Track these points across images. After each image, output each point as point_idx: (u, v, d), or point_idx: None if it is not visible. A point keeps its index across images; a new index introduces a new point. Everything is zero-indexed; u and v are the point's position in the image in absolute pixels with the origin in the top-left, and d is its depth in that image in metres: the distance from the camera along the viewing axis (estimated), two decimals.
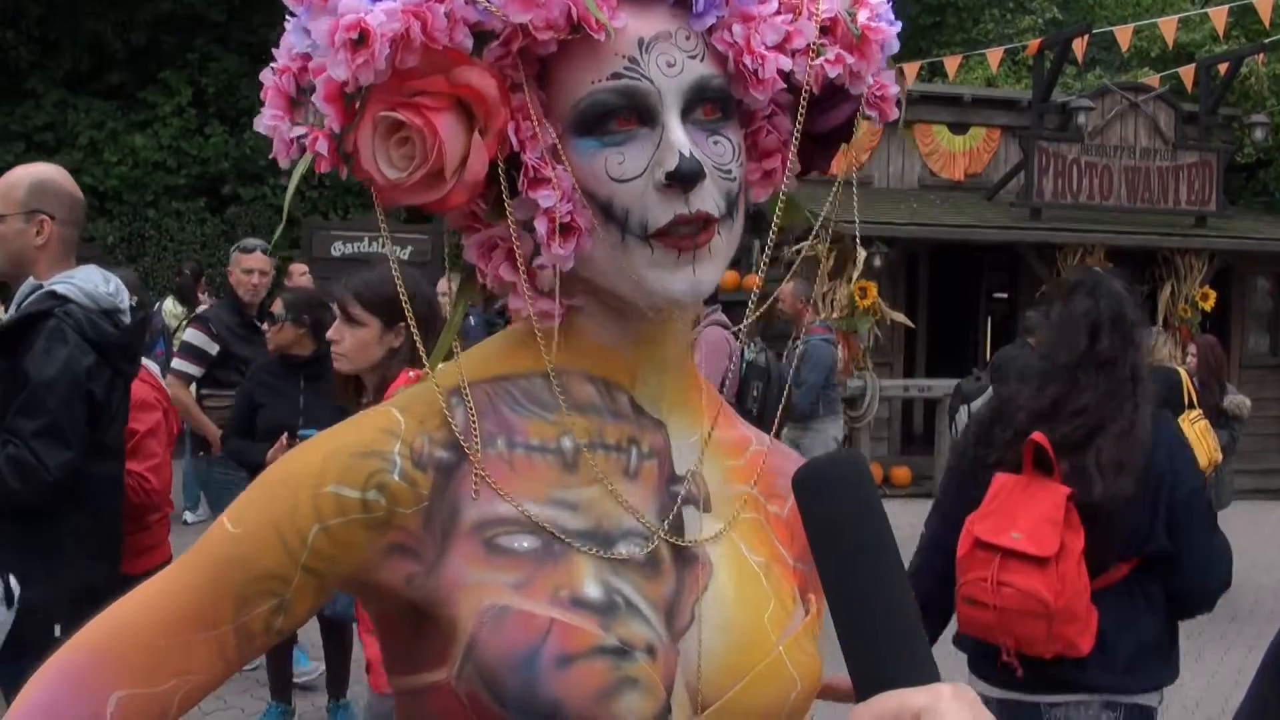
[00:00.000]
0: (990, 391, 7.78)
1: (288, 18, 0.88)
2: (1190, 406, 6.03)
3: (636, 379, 0.99)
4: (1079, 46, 12.59)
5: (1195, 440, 5.47)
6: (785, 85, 0.94)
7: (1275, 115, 14.33)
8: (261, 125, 0.89)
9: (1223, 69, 13.02)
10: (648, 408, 0.99)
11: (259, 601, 0.87)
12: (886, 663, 0.65)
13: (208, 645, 0.87)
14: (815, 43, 0.93)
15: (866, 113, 0.97)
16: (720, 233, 0.92)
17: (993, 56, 13.87)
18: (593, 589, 0.89)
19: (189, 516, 8.46)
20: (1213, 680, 5.04)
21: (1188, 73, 13.15)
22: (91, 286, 2.81)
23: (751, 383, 6.47)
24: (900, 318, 11.49)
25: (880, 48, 0.95)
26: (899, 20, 0.97)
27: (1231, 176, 14.26)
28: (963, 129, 13.09)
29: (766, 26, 0.92)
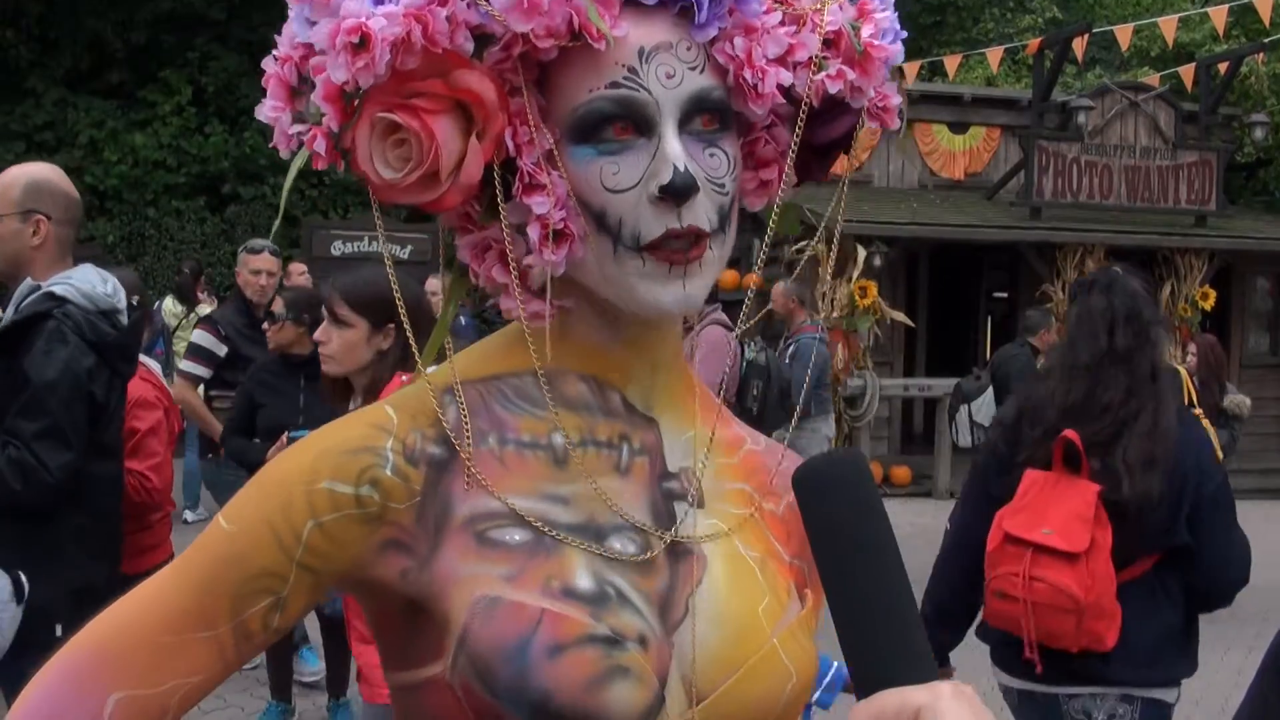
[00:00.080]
0: (991, 391, 7.82)
1: (290, 8, 0.88)
2: (1190, 406, 6.04)
3: (628, 378, 0.99)
4: (1079, 46, 12.60)
5: None
6: (784, 99, 0.93)
7: (1275, 114, 14.33)
8: (263, 114, 0.89)
9: (1223, 68, 13.02)
10: (639, 406, 1.00)
11: (255, 600, 0.88)
12: (886, 661, 0.65)
13: (206, 645, 0.88)
14: (818, 56, 0.93)
15: (868, 123, 0.97)
16: (712, 247, 0.92)
17: (993, 56, 13.87)
18: (584, 580, 0.90)
19: (189, 515, 8.47)
20: (1212, 680, 5.04)
21: (1188, 72, 13.15)
22: (90, 287, 2.81)
23: (751, 382, 6.47)
24: (900, 317, 11.49)
25: (883, 64, 0.94)
26: (902, 31, 0.96)
27: (1231, 176, 14.26)
28: (963, 128, 13.09)
29: (769, 38, 0.92)
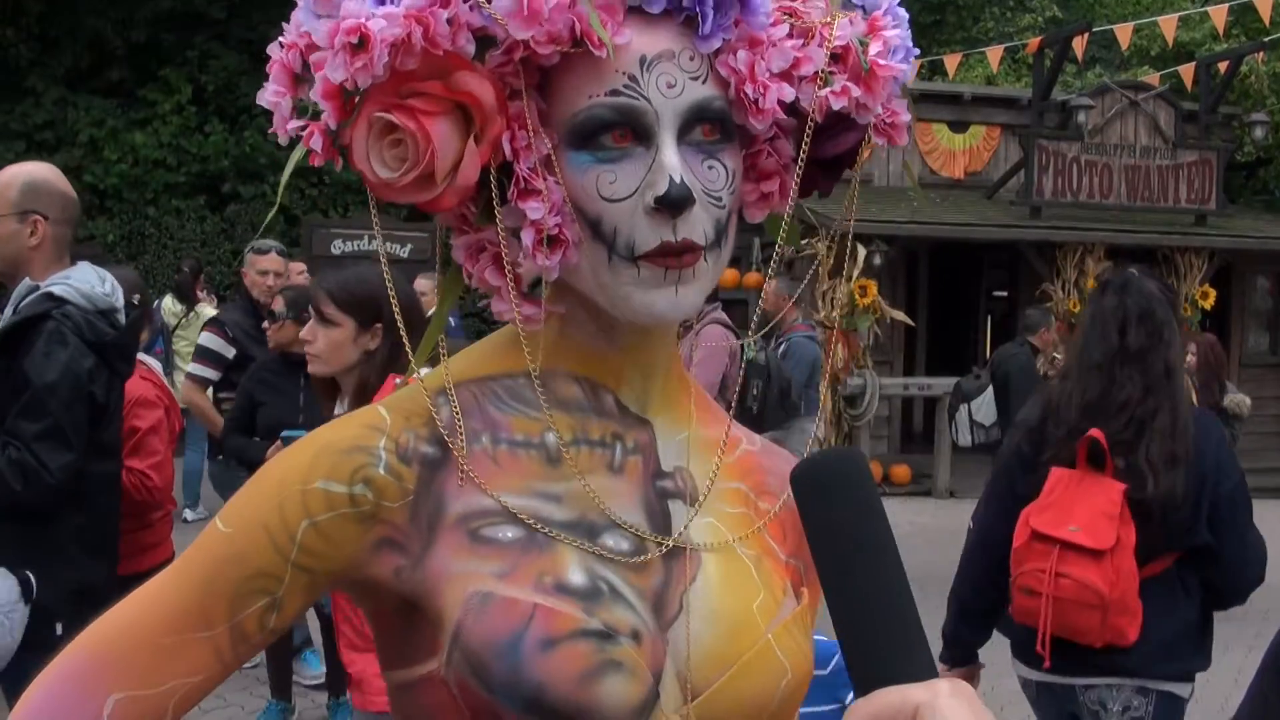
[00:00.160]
0: (990, 390, 7.82)
1: (299, 2, 0.88)
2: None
3: (622, 380, 0.99)
4: (1079, 45, 12.60)
5: None
6: (786, 112, 0.93)
7: (1275, 114, 14.32)
8: (264, 99, 0.89)
9: (1223, 67, 13.02)
10: (633, 408, 1.00)
11: (252, 600, 0.88)
12: (885, 660, 0.65)
13: (204, 646, 0.88)
14: (824, 71, 0.92)
15: (875, 139, 0.96)
16: (706, 259, 0.92)
17: (993, 55, 13.86)
18: (577, 576, 0.90)
19: (189, 514, 8.47)
20: (1212, 680, 5.04)
21: (1188, 71, 13.15)
22: (88, 287, 2.81)
23: (752, 381, 6.47)
24: (900, 316, 11.48)
25: (891, 82, 0.93)
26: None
27: (1231, 175, 14.26)
28: (963, 127, 13.09)
29: (775, 52, 0.91)
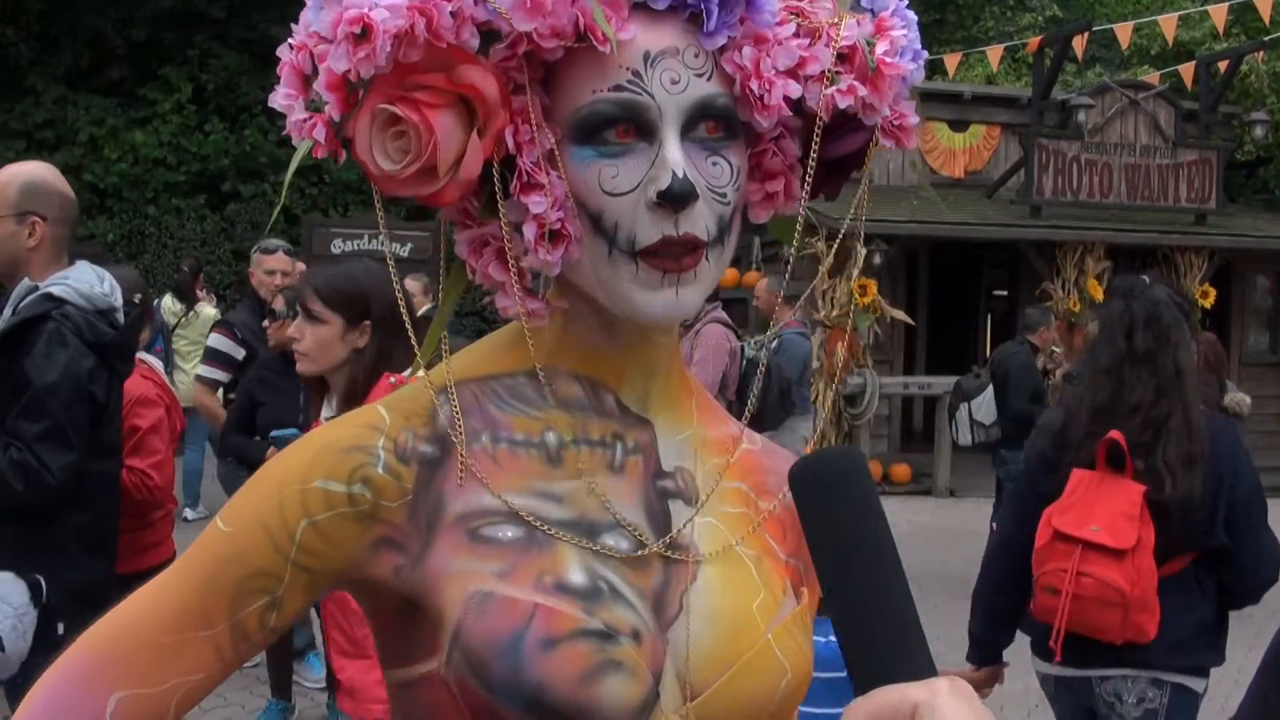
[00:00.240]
0: (990, 389, 7.82)
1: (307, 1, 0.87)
2: None
3: (623, 380, 0.99)
4: (1079, 44, 12.59)
5: None
6: (792, 111, 0.92)
7: (1275, 113, 14.32)
8: (275, 102, 0.89)
9: (1223, 66, 13.02)
10: (634, 407, 1.00)
11: (252, 599, 0.88)
12: (884, 659, 0.65)
13: (205, 645, 0.88)
14: (830, 70, 0.91)
15: (883, 141, 0.95)
16: (708, 257, 0.91)
17: (993, 54, 13.86)
18: (577, 575, 0.90)
19: (189, 514, 8.47)
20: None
21: (1188, 70, 13.15)
22: (87, 287, 2.81)
23: (752, 380, 6.47)
24: (900, 315, 11.47)
25: (897, 82, 0.93)
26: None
27: (1231, 174, 14.26)
28: (963, 126, 13.08)
29: (781, 50, 0.91)
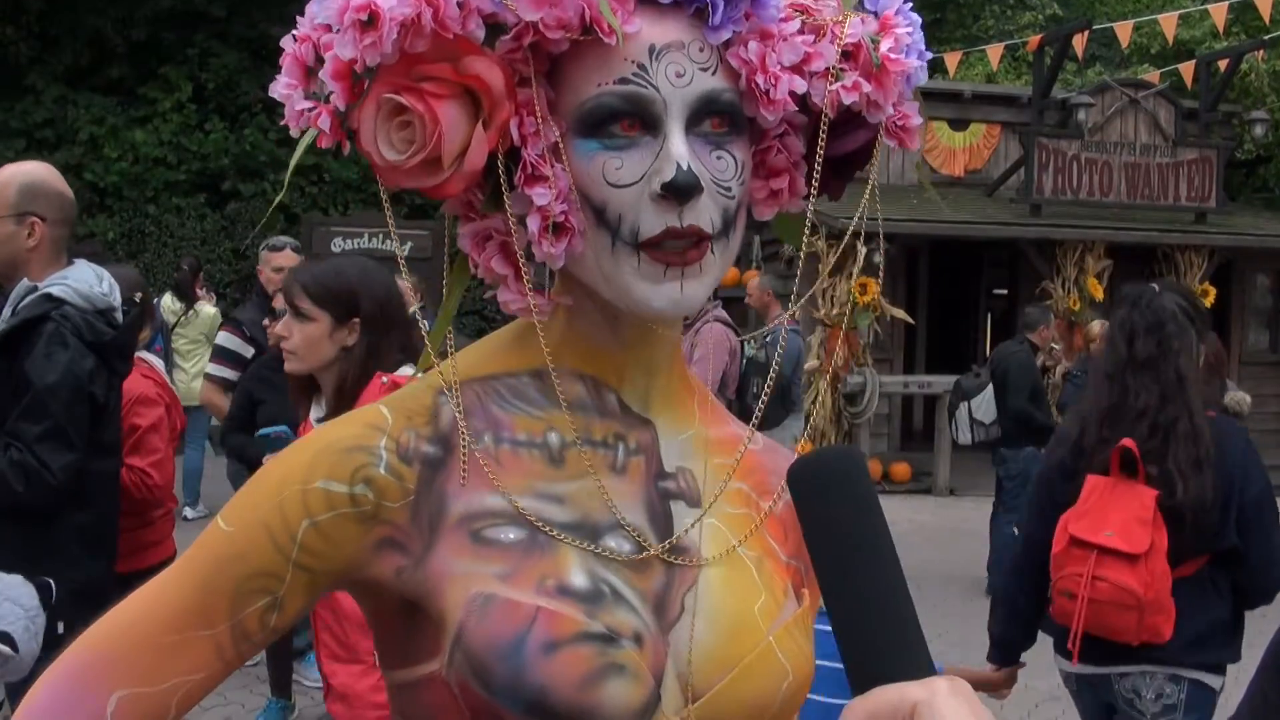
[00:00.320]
0: (990, 389, 7.82)
1: None
2: None
3: (624, 379, 0.99)
4: (1079, 43, 12.59)
5: None
6: (798, 107, 0.92)
7: (1275, 111, 14.33)
8: (276, 91, 0.89)
9: (1223, 65, 13.02)
10: (635, 407, 1.00)
11: (253, 599, 0.88)
12: (884, 659, 0.65)
13: (206, 644, 0.88)
14: (835, 67, 0.91)
15: (886, 141, 0.95)
16: (713, 250, 0.91)
17: (993, 53, 13.87)
18: (579, 578, 0.90)
19: (189, 513, 8.48)
20: None
21: (1188, 69, 13.15)
22: (86, 287, 2.81)
23: (752, 379, 6.48)
24: (900, 314, 11.47)
25: (902, 79, 0.92)
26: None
27: (1231, 173, 14.27)
28: (963, 125, 13.09)
29: (786, 46, 0.90)
